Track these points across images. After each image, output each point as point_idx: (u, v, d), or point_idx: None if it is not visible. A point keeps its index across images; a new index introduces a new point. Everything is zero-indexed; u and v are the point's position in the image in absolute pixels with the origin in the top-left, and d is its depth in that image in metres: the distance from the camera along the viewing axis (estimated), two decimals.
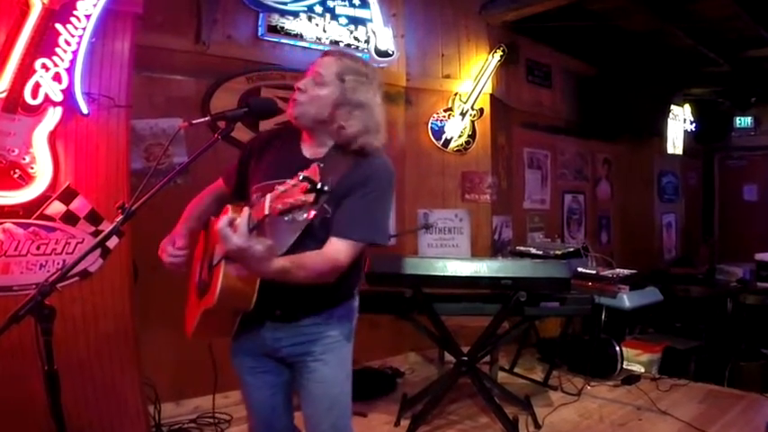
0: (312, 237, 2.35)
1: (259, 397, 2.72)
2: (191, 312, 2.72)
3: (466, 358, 4.72)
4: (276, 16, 5.39)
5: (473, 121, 6.60)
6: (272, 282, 2.26)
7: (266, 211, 1.97)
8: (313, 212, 1.93)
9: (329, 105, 2.46)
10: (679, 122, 10.69)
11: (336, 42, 5.70)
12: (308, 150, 2.58)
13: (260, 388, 2.71)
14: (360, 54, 5.88)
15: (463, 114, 6.56)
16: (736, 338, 6.55)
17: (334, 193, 2.19)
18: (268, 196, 1.97)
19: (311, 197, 1.89)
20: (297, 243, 2.30)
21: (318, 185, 1.89)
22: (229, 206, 2.41)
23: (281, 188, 1.95)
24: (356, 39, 5.88)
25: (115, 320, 3.96)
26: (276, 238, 2.20)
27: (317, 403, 2.60)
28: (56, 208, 3.69)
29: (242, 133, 4.74)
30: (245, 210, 2.10)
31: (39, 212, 3.64)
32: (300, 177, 1.91)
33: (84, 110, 3.71)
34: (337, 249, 2.37)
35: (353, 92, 2.47)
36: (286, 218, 1.95)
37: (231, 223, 2.06)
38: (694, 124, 11.32)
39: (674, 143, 10.49)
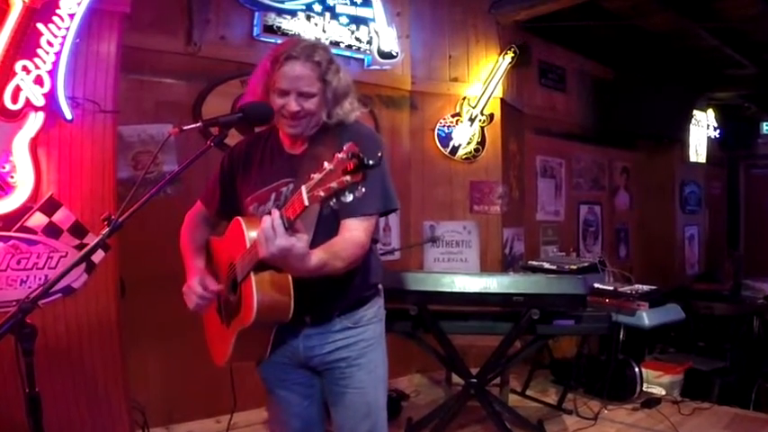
0: (321, 223, 2.42)
1: (294, 410, 2.77)
2: (217, 341, 2.74)
3: (475, 380, 4.71)
4: (272, 15, 5.39)
5: (482, 128, 6.60)
6: (298, 287, 2.33)
7: (306, 203, 1.98)
8: (363, 189, 1.94)
9: (324, 108, 2.55)
10: (702, 129, 10.68)
11: (337, 44, 5.69)
12: (290, 146, 2.67)
13: (293, 401, 2.76)
14: (361, 55, 5.91)
15: (472, 120, 6.57)
16: (762, 359, 6.54)
17: None
18: (303, 187, 1.98)
19: (359, 176, 1.90)
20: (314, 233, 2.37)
21: (366, 161, 1.90)
22: (240, 218, 2.47)
23: (316, 175, 1.95)
24: (358, 39, 5.88)
25: (101, 340, 3.95)
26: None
27: (354, 410, 2.65)
28: (37, 220, 3.68)
29: (236, 140, 4.74)
30: (275, 211, 2.13)
31: (19, 224, 3.63)
32: (342, 157, 1.92)
33: (68, 115, 3.70)
34: (357, 230, 2.44)
35: (338, 83, 2.56)
36: (331, 203, 1.95)
37: (272, 225, 2.09)
38: (718, 130, 11.32)
39: (697, 150, 10.48)
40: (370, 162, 1.90)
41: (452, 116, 6.61)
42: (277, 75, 2.50)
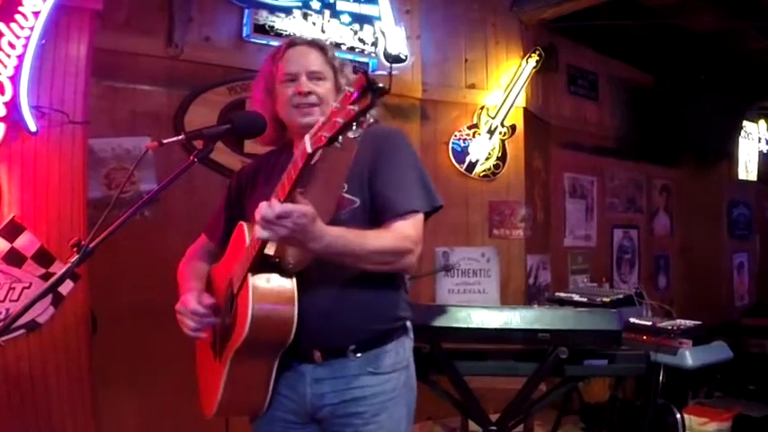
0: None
1: None
2: (208, 385, 2.67)
3: (494, 427, 4.69)
4: (264, 14, 5.41)
5: (503, 141, 6.61)
6: (306, 308, 2.29)
7: (309, 149, 1.97)
8: (371, 120, 1.92)
9: (332, 95, 2.55)
10: (753, 142, 10.69)
11: (337, 45, 5.67)
12: None
13: None
14: (365, 58, 5.91)
15: (491, 132, 6.57)
16: None
17: (356, 178, 2.39)
18: (306, 137, 1.98)
19: (366, 100, 1.85)
20: None
21: (376, 84, 1.84)
22: (243, 223, 2.47)
23: (321, 118, 1.96)
24: (361, 41, 5.87)
25: (69, 381, 3.94)
26: None
27: None
28: None
29: (224, 155, 4.76)
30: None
31: None
32: (349, 90, 1.88)
33: (32, 127, 3.71)
34: (403, 225, 2.41)
35: (341, 70, 2.64)
36: (336, 145, 1.94)
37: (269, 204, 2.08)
38: None
39: (747, 167, 10.49)
40: (380, 85, 1.85)
41: (469, 128, 6.62)
42: (281, 64, 2.58)
